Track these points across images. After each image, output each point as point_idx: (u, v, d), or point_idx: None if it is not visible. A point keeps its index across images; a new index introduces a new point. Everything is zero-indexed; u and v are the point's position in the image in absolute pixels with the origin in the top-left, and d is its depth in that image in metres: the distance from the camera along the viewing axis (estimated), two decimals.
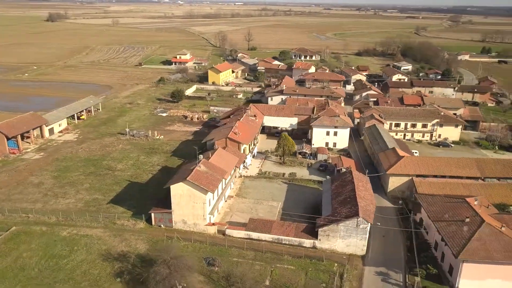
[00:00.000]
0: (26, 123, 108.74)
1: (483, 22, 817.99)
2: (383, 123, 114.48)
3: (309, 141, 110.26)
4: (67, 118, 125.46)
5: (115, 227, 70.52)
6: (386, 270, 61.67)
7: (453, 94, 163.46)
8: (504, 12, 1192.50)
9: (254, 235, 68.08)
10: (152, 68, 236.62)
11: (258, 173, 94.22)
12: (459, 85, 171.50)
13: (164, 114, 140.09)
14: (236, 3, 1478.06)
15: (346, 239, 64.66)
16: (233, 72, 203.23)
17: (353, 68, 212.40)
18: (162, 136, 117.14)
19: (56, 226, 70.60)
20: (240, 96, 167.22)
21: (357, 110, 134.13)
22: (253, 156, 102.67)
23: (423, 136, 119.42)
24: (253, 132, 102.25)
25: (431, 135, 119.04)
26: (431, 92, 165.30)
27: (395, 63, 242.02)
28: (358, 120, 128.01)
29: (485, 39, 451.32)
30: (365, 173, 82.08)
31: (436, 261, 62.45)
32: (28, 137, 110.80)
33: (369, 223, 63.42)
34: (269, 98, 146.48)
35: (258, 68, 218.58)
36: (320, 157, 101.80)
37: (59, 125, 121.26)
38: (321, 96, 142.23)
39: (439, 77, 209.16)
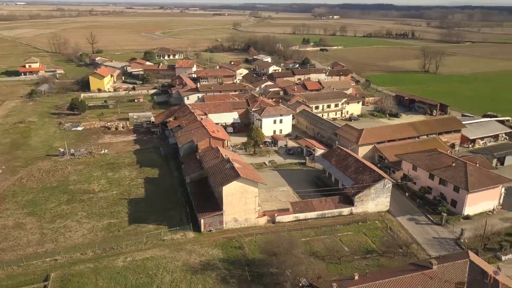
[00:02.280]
0: None
1: (280, 17, 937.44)
2: (309, 107, 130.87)
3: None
4: None
5: (167, 244, 66.63)
6: (411, 216, 77.25)
7: (325, 78, 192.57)
8: (288, 8, 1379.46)
9: (301, 215, 74.62)
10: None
11: None
12: (329, 70, 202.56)
13: (80, 128, 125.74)
14: (17, 3, 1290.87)
15: (375, 200, 77.54)
16: (111, 76, 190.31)
17: (232, 63, 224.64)
18: (107, 150, 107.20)
19: (100, 259, 62.46)
20: (142, 99, 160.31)
21: (270, 100, 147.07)
22: None
23: (336, 114, 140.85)
24: (219, 128, 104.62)
25: (341, 112, 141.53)
26: (309, 78, 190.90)
27: (254, 57, 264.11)
28: None
29: (295, 32, 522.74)
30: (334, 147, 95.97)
31: (431, 202, 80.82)
32: None
33: (391, 182, 77.85)
34: (185, 98, 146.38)
35: (132, 70, 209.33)
36: (280, 143, 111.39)
37: None
38: (235, 91, 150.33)
39: (297, 66, 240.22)
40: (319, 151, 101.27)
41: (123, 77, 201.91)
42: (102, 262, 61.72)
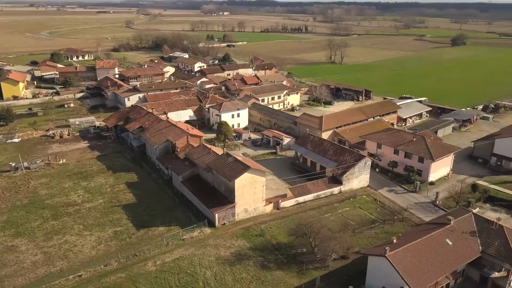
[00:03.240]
0: None
1: (171, 14, 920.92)
2: (258, 100, 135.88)
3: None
4: None
5: (189, 242, 66.23)
6: (389, 188, 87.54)
7: (252, 73, 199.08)
8: (173, 5, 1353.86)
9: (300, 199, 79.73)
10: None
11: None
12: (255, 65, 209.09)
13: (17, 140, 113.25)
14: None
15: (359, 177, 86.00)
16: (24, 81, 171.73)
17: (156, 62, 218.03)
18: (65, 160, 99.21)
19: (128, 267, 60.07)
20: (72, 104, 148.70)
21: (217, 96, 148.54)
22: None
23: (279, 106, 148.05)
24: (188, 126, 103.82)
25: (284, 104, 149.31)
26: (237, 73, 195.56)
27: (171, 55, 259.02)
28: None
29: (194, 29, 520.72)
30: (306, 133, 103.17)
31: (400, 174, 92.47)
32: None
33: (370, 160, 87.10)
34: (126, 99, 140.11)
35: (44, 74, 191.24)
36: (244, 136, 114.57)
37: None
38: (176, 89, 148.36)
39: (217, 62, 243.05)
40: (286, 140, 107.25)
41: (35, 82, 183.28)
42: (132, 269, 59.45)
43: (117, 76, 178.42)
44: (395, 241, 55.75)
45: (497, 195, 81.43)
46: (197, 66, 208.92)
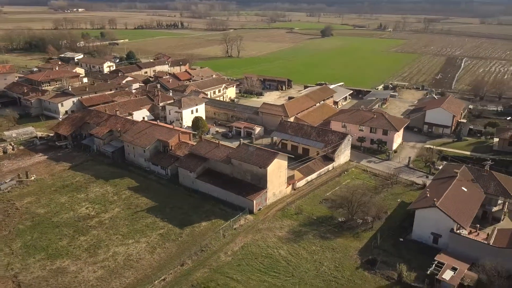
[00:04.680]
0: None
1: (12, 11, 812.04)
2: (205, 94, 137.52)
3: None
4: None
5: (241, 231, 68.60)
6: (367, 159, 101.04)
7: (168, 69, 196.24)
8: (12, 1, 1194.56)
9: (309, 177, 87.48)
10: None
11: None
12: (171, 61, 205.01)
13: None
14: None
15: (344, 153, 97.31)
16: None
17: (60, 63, 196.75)
18: (34, 176, 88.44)
19: (204, 263, 60.40)
20: None
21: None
22: None
23: (219, 99, 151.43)
24: (167, 125, 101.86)
25: (223, 97, 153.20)
26: (155, 70, 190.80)
27: (62, 55, 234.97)
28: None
29: (57, 27, 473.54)
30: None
31: (368, 147, 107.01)
32: None
33: (351, 136, 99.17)
34: (59, 104, 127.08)
35: None
36: (212, 130, 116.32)
37: None
38: (110, 90, 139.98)
39: (118, 60, 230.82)
40: (257, 129, 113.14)
41: None
42: (210, 263, 60.09)
43: (17, 80, 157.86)
44: (428, 195, 67.87)
45: (447, 154, 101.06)
46: (106, 66, 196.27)
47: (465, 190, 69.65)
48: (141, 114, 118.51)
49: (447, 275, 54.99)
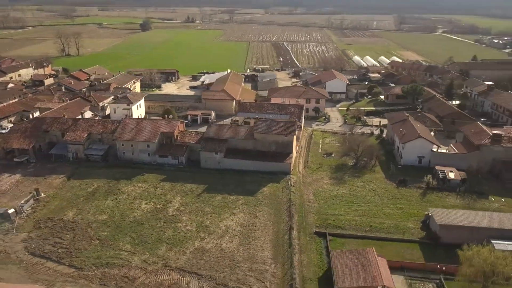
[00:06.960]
0: None
1: None
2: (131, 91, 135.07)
3: None
4: None
5: (298, 187, 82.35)
6: (312, 122, 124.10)
7: (33, 72, 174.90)
8: None
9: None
10: None
11: None
12: (34, 64, 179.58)
13: None
14: None
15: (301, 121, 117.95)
16: None
17: None
18: (43, 193, 78.71)
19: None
20: None
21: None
22: None
23: None
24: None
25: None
26: (20, 74, 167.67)
27: None
28: None
29: None
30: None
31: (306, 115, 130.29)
32: None
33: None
34: None
35: None
36: None
37: None
38: (15, 98, 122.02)
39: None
40: (213, 114, 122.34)
41: None
42: (307, 210, 72.92)
43: None
44: (405, 133, 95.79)
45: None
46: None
47: (418, 125, 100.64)
48: (87, 115, 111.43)
49: (451, 175, 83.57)
